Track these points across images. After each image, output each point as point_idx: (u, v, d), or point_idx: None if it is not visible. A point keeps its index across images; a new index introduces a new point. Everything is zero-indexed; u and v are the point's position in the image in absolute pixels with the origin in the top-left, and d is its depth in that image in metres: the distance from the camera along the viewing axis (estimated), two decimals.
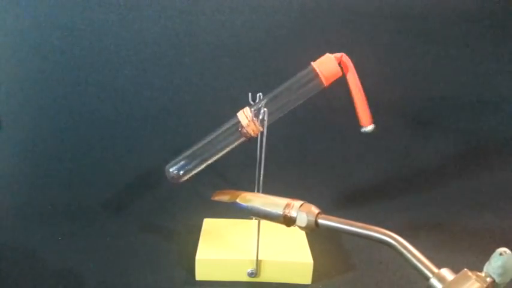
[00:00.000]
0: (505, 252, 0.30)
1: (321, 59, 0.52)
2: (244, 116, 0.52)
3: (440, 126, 0.87)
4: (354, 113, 0.52)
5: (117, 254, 0.58)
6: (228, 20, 0.80)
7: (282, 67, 0.83)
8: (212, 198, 0.51)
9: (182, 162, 0.55)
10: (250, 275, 0.53)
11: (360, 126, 0.52)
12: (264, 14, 0.80)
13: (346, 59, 0.51)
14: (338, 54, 0.51)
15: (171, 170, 0.55)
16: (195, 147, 0.55)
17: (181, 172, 0.55)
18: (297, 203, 0.42)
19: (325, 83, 0.51)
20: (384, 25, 0.82)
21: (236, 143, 0.54)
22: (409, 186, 0.81)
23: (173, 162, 0.56)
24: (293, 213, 0.42)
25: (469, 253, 0.60)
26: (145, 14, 0.79)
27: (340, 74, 0.51)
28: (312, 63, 0.52)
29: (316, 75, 0.51)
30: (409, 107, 0.85)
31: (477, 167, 0.85)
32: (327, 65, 0.51)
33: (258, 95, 0.53)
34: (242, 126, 0.52)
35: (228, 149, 0.55)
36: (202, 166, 0.56)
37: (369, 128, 0.52)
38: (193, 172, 0.56)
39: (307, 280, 0.54)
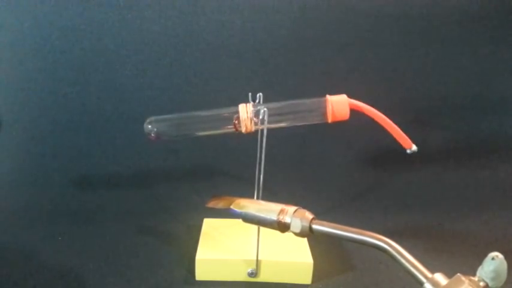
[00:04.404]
0: (497, 256, 0.30)
1: (337, 99, 0.52)
2: (245, 110, 0.52)
3: (440, 126, 0.87)
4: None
5: (117, 254, 0.58)
6: (228, 20, 0.80)
7: (282, 67, 0.83)
8: (207, 205, 0.51)
9: (162, 123, 0.55)
10: (250, 275, 0.53)
11: (404, 149, 0.54)
12: (264, 14, 0.80)
13: (359, 106, 0.52)
14: (354, 102, 0.52)
15: (149, 126, 0.55)
16: (183, 115, 0.55)
17: (155, 130, 0.54)
18: (291, 208, 0.42)
19: (329, 120, 0.52)
20: (384, 25, 0.82)
21: (222, 131, 0.54)
22: (409, 186, 0.82)
23: (154, 118, 0.55)
24: (287, 219, 0.42)
25: (469, 254, 0.60)
26: (145, 14, 0.79)
27: (347, 117, 0.52)
28: (328, 97, 0.52)
29: (325, 111, 0.52)
30: (409, 107, 0.85)
31: (477, 167, 0.85)
32: (339, 106, 0.51)
33: (258, 95, 0.53)
34: (238, 118, 0.52)
35: (211, 132, 0.55)
36: (179, 135, 0.56)
37: (413, 148, 0.53)
38: (167, 136, 0.55)
39: (307, 280, 0.54)
